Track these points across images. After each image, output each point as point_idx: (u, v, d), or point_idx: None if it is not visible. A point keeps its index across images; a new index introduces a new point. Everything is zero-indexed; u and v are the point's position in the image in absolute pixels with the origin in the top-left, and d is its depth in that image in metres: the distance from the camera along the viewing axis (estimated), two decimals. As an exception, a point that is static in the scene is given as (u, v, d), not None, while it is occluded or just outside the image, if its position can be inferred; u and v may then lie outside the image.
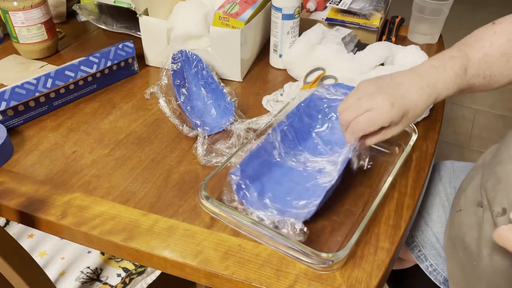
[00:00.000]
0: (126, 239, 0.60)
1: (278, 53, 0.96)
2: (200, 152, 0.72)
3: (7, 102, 0.76)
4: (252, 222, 0.58)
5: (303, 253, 0.55)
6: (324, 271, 0.56)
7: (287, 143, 0.71)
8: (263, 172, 0.67)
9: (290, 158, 0.70)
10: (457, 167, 0.89)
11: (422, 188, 0.69)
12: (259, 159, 0.66)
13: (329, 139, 0.74)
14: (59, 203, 0.65)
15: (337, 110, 0.65)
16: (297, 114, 0.73)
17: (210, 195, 0.61)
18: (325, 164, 0.69)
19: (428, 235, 0.81)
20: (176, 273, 0.59)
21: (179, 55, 0.87)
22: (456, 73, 0.62)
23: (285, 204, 0.63)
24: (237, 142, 0.73)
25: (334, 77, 0.88)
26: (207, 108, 0.84)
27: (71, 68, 0.83)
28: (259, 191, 0.64)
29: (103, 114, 0.84)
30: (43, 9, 0.95)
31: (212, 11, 0.93)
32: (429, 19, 1.05)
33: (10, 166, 0.72)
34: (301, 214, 0.59)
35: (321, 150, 0.72)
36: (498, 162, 0.62)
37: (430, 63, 0.64)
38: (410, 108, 0.61)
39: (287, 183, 0.67)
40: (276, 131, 0.69)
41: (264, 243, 0.59)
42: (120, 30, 1.09)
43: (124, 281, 0.85)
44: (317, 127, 0.75)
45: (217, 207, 0.60)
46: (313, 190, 0.65)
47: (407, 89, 0.61)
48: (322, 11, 1.09)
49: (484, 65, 0.64)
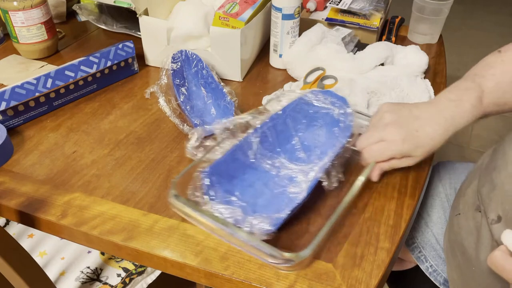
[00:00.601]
0: (126, 239, 0.60)
1: (278, 53, 0.96)
2: (190, 146, 0.71)
3: (7, 102, 0.76)
4: (216, 220, 0.57)
5: (265, 252, 0.55)
6: (288, 271, 0.56)
7: (266, 145, 0.69)
8: (235, 172, 0.66)
9: (265, 160, 0.69)
10: (457, 168, 0.88)
11: (422, 188, 0.69)
12: (233, 159, 0.66)
13: (310, 145, 0.72)
14: (59, 203, 0.65)
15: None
16: (282, 117, 0.71)
17: (183, 194, 0.60)
18: (297, 173, 0.67)
19: (428, 236, 0.80)
20: (176, 273, 0.59)
21: (179, 54, 0.87)
22: (472, 105, 0.64)
23: (252, 206, 0.63)
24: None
25: (334, 77, 0.88)
26: (207, 107, 0.84)
27: (71, 68, 0.83)
28: (228, 191, 0.63)
29: (103, 114, 0.84)
30: (43, 9, 0.95)
31: (212, 11, 0.93)
32: (429, 19, 1.05)
33: (10, 166, 0.72)
34: (268, 224, 0.58)
35: (299, 156, 0.71)
36: (494, 168, 0.62)
37: (446, 96, 0.66)
38: (424, 142, 0.63)
39: (258, 186, 0.66)
40: (256, 132, 0.68)
41: (229, 243, 0.59)
42: (120, 30, 1.09)
43: (124, 281, 0.85)
44: (300, 132, 0.73)
45: (185, 206, 0.59)
46: (280, 198, 0.64)
47: (423, 124, 0.63)
48: (322, 11, 1.09)
49: (497, 93, 0.65)
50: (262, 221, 0.56)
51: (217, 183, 0.62)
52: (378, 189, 0.68)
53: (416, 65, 0.91)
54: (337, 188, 0.66)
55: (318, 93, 0.72)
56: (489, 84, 0.65)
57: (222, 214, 0.58)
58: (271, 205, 0.63)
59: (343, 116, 0.69)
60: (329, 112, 0.71)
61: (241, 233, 0.56)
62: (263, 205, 0.63)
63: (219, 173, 0.63)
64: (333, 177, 0.65)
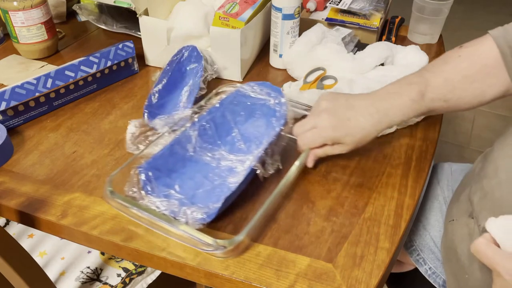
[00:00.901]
0: (126, 239, 0.60)
1: (278, 53, 0.96)
2: (129, 138, 0.71)
3: (7, 102, 0.76)
4: (151, 213, 0.58)
5: (199, 241, 0.56)
6: (224, 257, 0.57)
7: (206, 138, 0.71)
8: (174, 166, 0.67)
9: (205, 153, 0.70)
10: (455, 170, 0.88)
11: (422, 188, 0.69)
12: (172, 153, 0.67)
13: (249, 136, 0.74)
14: (59, 203, 0.65)
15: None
16: (220, 110, 0.73)
17: (121, 190, 0.61)
18: (236, 163, 0.69)
19: (426, 239, 0.80)
20: (176, 273, 0.59)
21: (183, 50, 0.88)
22: (412, 99, 0.64)
23: (192, 198, 0.64)
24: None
25: (334, 77, 0.88)
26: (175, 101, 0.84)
27: (71, 68, 0.83)
28: (167, 184, 0.64)
29: (103, 114, 0.84)
30: (43, 9, 0.95)
31: (212, 11, 0.93)
32: (429, 19, 1.05)
33: (10, 166, 0.72)
34: (202, 213, 0.59)
35: (239, 148, 0.72)
36: (484, 175, 0.62)
37: (387, 88, 0.66)
38: (354, 131, 0.64)
39: (199, 178, 0.67)
40: (195, 126, 0.70)
41: (167, 236, 0.59)
42: (120, 30, 1.09)
43: (124, 281, 0.85)
44: (239, 124, 0.75)
45: (120, 201, 0.60)
46: (220, 189, 0.66)
47: (356, 113, 0.64)
48: (322, 11, 1.09)
49: (444, 89, 0.65)
50: (195, 210, 0.57)
51: (155, 177, 0.64)
52: (378, 189, 0.68)
53: (416, 65, 0.91)
54: (277, 175, 0.67)
55: (254, 85, 0.75)
56: (437, 79, 0.65)
57: (159, 208, 0.59)
58: (211, 196, 0.65)
59: (278, 106, 0.72)
60: (265, 103, 0.73)
61: (176, 224, 0.57)
62: (203, 196, 0.65)
63: (157, 167, 0.64)
64: (269, 165, 0.67)
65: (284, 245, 0.59)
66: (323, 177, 0.70)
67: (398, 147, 0.76)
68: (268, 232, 0.61)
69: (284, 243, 0.59)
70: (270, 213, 0.63)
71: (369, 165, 0.72)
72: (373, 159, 0.73)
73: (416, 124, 0.81)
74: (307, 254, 0.58)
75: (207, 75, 0.86)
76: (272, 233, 0.61)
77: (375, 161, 0.73)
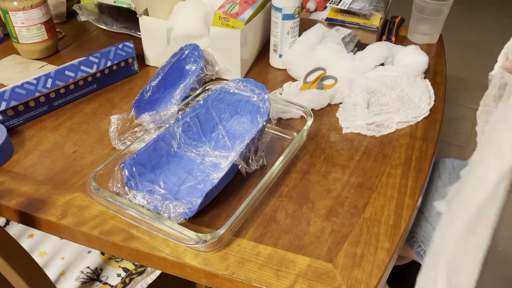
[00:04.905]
0: (126, 239, 0.60)
1: (278, 53, 0.96)
2: (111, 131, 0.72)
3: (7, 102, 0.76)
4: (129, 205, 0.58)
5: (180, 234, 0.56)
6: (206, 251, 0.57)
7: (190, 134, 0.72)
8: (158, 162, 0.68)
9: (190, 149, 0.71)
10: (457, 165, 0.89)
11: (422, 188, 0.69)
12: (155, 149, 0.67)
13: (234, 133, 0.75)
14: (59, 203, 0.65)
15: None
16: (204, 106, 0.74)
17: (105, 186, 0.61)
18: (221, 159, 0.70)
19: (428, 230, 0.81)
20: (176, 273, 0.59)
21: (184, 48, 0.88)
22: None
23: (175, 194, 0.65)
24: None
25: (334, 77, 0.88)
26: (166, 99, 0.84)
27: (71, 68, 0.83)
28: (151, 180, 0.65)
29: (103, 114, 0.84)
30: (43, 9, 0.95)
31: (212, 11, 0.94)
32: (429, 19, 1.05)
33: (10, 166, 0.72)
34: (184, 208, 0.60)
35: (224, 144, 0.73)
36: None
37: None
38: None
39: (182, 174, 0.68)
40: (178, 122, 0.70)
41: (150, 231, 0.60)
42: (120, 30, 1.09)
43: (124, 281, 0.85)
44: (224, 121, 0.76)
45: (104, 197, 0.60)
46: (203, 184, 0.66)
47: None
48: (322, 11, 1.09)
49: None
50: (178, 205, 0.58)
51: (139, 173, 0.64)
52: (378, 189, 0.68)
53: (416, 65, 0.91)
54: (262, 171, 0.68)
55: (238, 81, 0.75)
56: None
57: (141, 203, 0.59)
58: (194, 191, 0.65)
59: (262, 102, 0.73)
60: (250, 100, 0.74)
61: (159, 219, 0.57)
62: (186, 192, 0.65)
63: (141, 163, 0.65)
64: (253, 161, 0.68)
65: (284, 245, 0.59)
66: (323, 177, 0.70)
67: (398, 147, 0.76)
68: (268, 232, 0.61)
69: (284, 243, 0.59)
70: (254, 209, 0.64)
71: (369, 165, 0.72)
72: (373, 159, 0.73)
73: (416, 124, 0.81)
74: (307, 254, 0.58)
75: (207, 75, 0.87)
76: (272, 233, 0.61)
77: (375, 161, 0.73)
